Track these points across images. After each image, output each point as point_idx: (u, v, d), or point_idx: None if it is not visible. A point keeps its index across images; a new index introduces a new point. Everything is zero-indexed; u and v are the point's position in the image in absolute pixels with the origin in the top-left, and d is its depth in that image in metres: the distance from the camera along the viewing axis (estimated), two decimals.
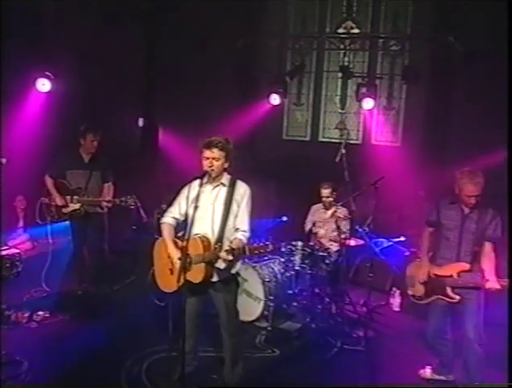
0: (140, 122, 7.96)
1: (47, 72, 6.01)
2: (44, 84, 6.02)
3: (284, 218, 6.27)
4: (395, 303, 5.77)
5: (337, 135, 8.57)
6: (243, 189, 3.56)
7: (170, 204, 3.67)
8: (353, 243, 5.36)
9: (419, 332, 4.94)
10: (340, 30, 8.47)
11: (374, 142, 8.60)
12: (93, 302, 5.14)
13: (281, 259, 5.34)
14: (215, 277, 3.49)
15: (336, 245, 5.41)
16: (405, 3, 8.17)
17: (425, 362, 4.22)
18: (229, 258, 3.28)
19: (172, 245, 3.51)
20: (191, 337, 3.60)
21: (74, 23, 6.66)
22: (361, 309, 5.37)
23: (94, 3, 6.80)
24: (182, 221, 3.60)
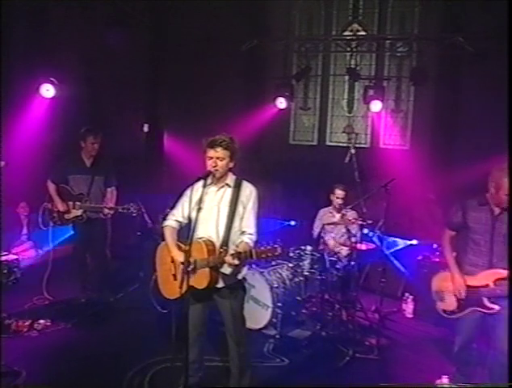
0: (145, 128, 7.92)
1: (51, 77, 6.04)
2: (49, 90, 6.06)
3: (292, 222, 6.14)
4: (408, 309, 5.60)
5: (344, 139, 8.48)
6: (249, 190, 3.41)
7: (173, 206, 3.53)
8: (364, 247, 5.22)
9: (434, 339, 4.81)
10: (346, 33, 8.40)
11: (382, 146, 8.52)
12: (96, 310, 5.05)
13: (289, 265, 5.18)
14: (220, 283, 3.34)
15: (346, 249, 5.27)
16: (412, 4, 8.09)
17: (441, 371, 4.02)
18: (235, 262, 3.13)
19: (175, 248, 3.36)
20: (196, 346, 3.45)
21: (78, 29, 6.67)
22: (373, 315, 5.21)
23: (99, 8, 6.78)
24: (185, 225, 3.46)
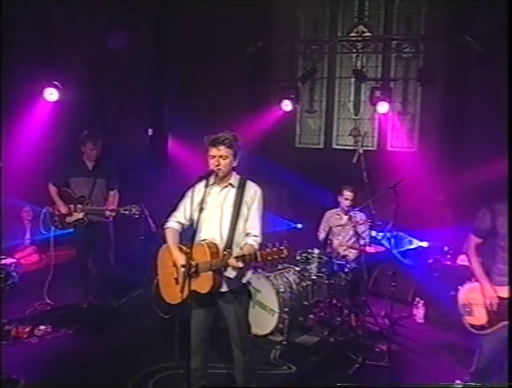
0: (149, 131, 7.87)
1: (55, 81, 6.03)
2: (52, 93, 6.06)
3: (299, 225, 6.02)
4: (418, 314, 5.45)
5: (351, 142, 8.38)
6: (254, 190, 3.29)
7: (175, 208, 3.42)
8: (373, 250, 5.09)
9: (446, 345, 4.66)
10: (352, 34, 8.31)
11: (389, 148, 8.39)
12: (98, 316, 4.96)
13: (296, 268, 5.06)
14: (224, 287, 3.22)
15: (354, 252, 5.13)
16: (418, 5, 7.99)
17: (453, 377, 3.86)
18: (239, 265, 3.01)
19: (176, 251, 3.24)
20: (199, 353, 3.31)
21: (82, 32, 6.66)
22: (383, 321, 5.08)
23: (103, 11, 6.75)
24: (188, 227, 3.34)
